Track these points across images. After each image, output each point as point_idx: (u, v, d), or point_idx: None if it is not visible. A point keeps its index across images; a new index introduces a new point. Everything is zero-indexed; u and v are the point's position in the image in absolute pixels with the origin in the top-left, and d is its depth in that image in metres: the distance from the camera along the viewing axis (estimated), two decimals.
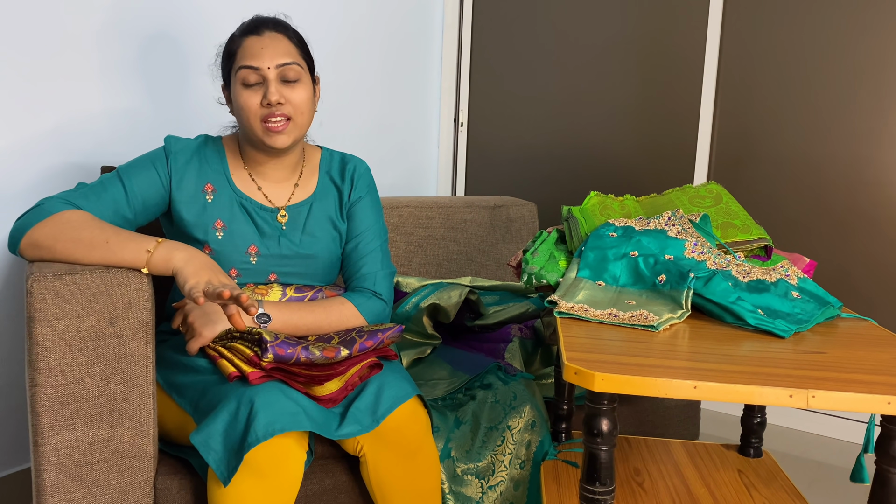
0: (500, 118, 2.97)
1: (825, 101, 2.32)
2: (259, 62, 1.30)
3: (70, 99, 1.77)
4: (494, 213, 2.25)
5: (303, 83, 1.34)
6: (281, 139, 1.32)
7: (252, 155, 1.40)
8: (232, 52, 1.35)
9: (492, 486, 1.39)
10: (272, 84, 1.30)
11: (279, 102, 1.30)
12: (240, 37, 1.34)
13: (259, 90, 1.31)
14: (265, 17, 1.37)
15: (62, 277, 1.10)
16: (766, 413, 1.46)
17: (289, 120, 1.32)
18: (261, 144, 1.34)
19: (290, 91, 1.32)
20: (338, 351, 1.20)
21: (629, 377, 0.90)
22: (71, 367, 1.12)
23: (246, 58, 1.31)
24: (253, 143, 1.36)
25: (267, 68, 1.30)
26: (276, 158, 1.39)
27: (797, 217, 2.40)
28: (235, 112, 1.36)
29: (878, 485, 1.01)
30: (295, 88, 1.33)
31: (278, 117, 1.30)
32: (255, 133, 1.32)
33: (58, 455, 1.13)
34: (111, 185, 1.31)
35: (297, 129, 1.34)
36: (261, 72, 1.30)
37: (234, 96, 1.33)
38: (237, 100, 1.33)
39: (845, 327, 1.16)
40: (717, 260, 1.24)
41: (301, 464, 1.17)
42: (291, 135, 1.33)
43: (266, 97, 1.29)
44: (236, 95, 1.33)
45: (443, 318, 1.71)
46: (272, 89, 1.30)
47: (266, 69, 1.30)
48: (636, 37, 2.63)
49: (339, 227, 1.45)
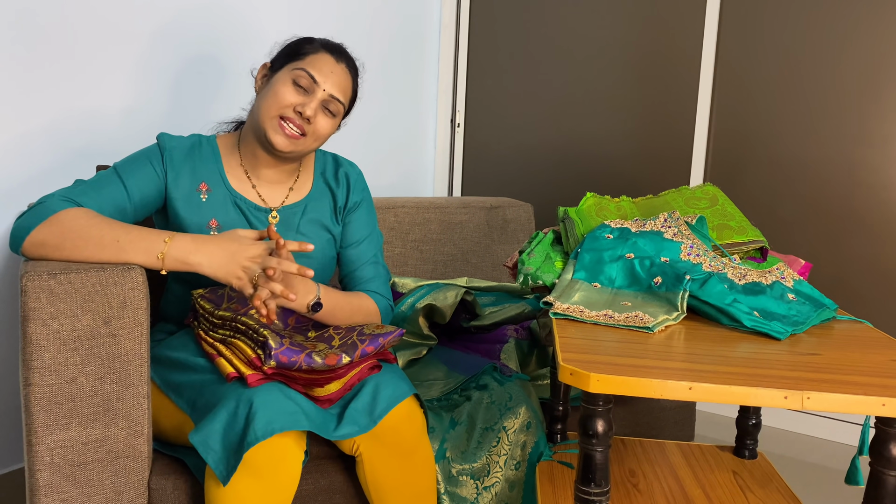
0: (497, 119, 2.97)
1: (821, 104, 2.33)
2: (321, 79, 1.34)
3: (65, 96, 1.76)
4: (491, 214, 2.25)
5: (334, 121, 1.39)
6: (284, 142, 1.33)
7: (251, 148, 1.40)
8: (302, 52, 1.37)
9: (487, 487, 1.39)
10: (316, 101, 1.34)
11: (308, 118, 1.33)
12: (319, 47, 1.38)
13: (301, 95, 1.34)
14: (346, 49, 1.42)
15: (57, 276, 1.10)
16: (761, 415, 1.46)
17: (302, 135, 1.34)
18: (263, 137, 1.35)
19: (322, 118, 1.36)
20: (339, 358, 1.19)
21: (624, 378, 0.90)
22: (65, 367, 1.11)
23: (313, 67, 1.34)
24: (257, 132, 1.37)
25: (323, 90, 1.35)
26: (275, 160, 1.40)
27: (793, 219, 2.40)
28: (263, 93, 1.37)
29: (872, 487, 1.01)
30: (327, 119, 1.37)
31: (296, 126, 1.33)
32: (266, 122, 1.34)
33: (52, 455, 1.13)
34: (110, 182, 1.30)
35: (303, 147, 1.36)
36: (316, 86, 1.34)
37: (275, 82, 1.35)
38: (276, 86, 1.34)
39: (840, 329, 1.17)
40: (712, 262, 1.24)
41: (299, 463, 1.17)
42: (295, 147, 1.35)
43: (303, 106, 1.33)
44: (278, 83, 1.34)
45: (439, 318, 1.71)
46: (312, 105, 1.34)
47: (322, 89, 1.34)
48: (633, 38, 2.63)
49: (332, 231, 1.46)
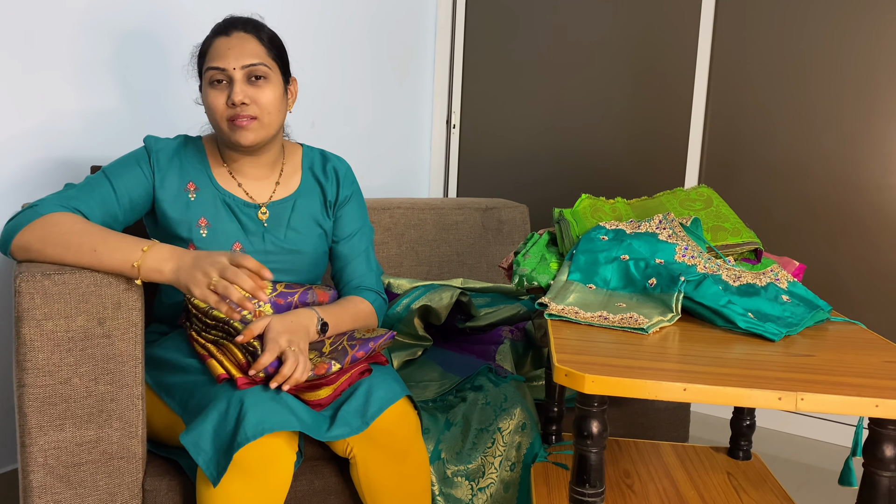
0: (493, 121, 2.97)
1: (816, 105, 2.34)
2: (225, 63, 1.30)
3: (53, 98, 1.76)
4: (486, 215, 2.26)
5: (271, 83, 1.34)
6: (245, 135, 1.32)
7: (228, 153, 1.40)
8: (203, 52, 1.36)
9: (482, 488, 1.39)
10: (237, 84, 1.30)
11: (243, 103, 1.30)
12: (210, 37, 1.35)
13: (225, 90, 1.31)
14: (237, 18, 1.37)
15: (51, 277, 1.10)
16: (755, 416, 1.46)
17: (254, 119, 1.32)
18: (229, 143, 1.35)
19: (256, 91, 1.32)
20: (329, 366, 1.19)
21: (619, 379, 0.90)
22: (59, 368, 1.11)
23: (213, 58, 1.31)
24: (224, 142, 1.37)
25: (233, 69, 1.30)
26: (252, 157, 1.40)
27: (787, 221, 2.41)
28: (206, 112, 1.36)
29: (865, 488, 1.01)
30: (262, 88, 1.32)
31: (243, 117, 1.31)
32: (223, 132, 1.33)
33: (45, 456, 1.12)
34: (99, 186, 1.30)
35: (264, 128, 1.34)
36: (227, 72, 1.30)
37: (203, 96, 1.34)
38: (205, 100, 1.34)
39: (835, 331, 1.17)
40: (707, 264, 1.25)
41: (290, 465, 1.17)
42: (257, 133, 1.33)
43: (230, 97, 1.30)
44: (205, 95, 1.34)
45: (434, 319, 1.71)
46: (236, 89, 1.30)
47: (232, 70, 1.30)
48: (628, 40, 2.64)
49: (323, 225, 1.46)
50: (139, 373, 1.18)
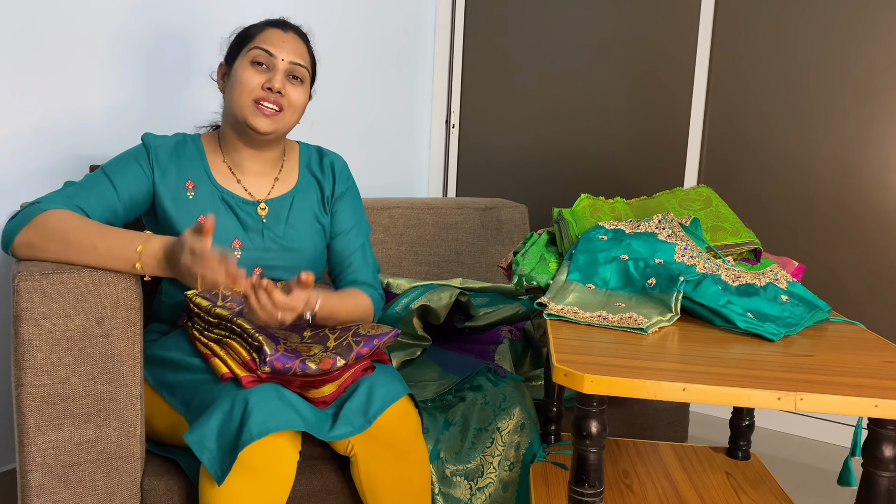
0: (492, 120, 2.97)
1: (815, 106, 2.34)
2: (277, 50, 1.35)
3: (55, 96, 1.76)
4: (485, 215, 2.26)
5: (304, 87, 1.39)
6: (265, 123, 1.33)
7: (232, 144, 1.40)
8: (250, 35, 1.38)
9: (481, 488, 1.39)
10: (280, 73, 1.35)
11: (279, 92, 1.34)
12: (263, 25, 1.39)
13: (264, 73, 1.34)
14: (291, 22, 1.43)
15: (49, 276, 1.09)
16: (754, 416, 1.46)
17: (280, 111, 1.34)
18: (244, 125, 1.35)
19: (291, 88, 1.36)
20: (334, 361, 1.19)
21: (618, 379, 0.90)
22: (57, 367, 1.11)
23: (265, 42, 1.35)
24: (236, 125, 1.37)
25: (281, 59, 1.35)
26: (255, 150, 1.40)
27: (786, 221, 2.41)
28: (229, 88, 1.37)
29: (864, 488, 1.01)
30: (297, 88, 1.37)
31: (272, 104, 1.33)
32: (242, 111, 1.33)
33: (44, 455, 1.12)
34: (99, 183, 1.31)
35: (284, 123, 1.36)
36: (275, 59, 1.34)
37: (236, 71, 1.35)
38: (238, 73, 1.34)
39: (834, 331, 1.17)
40: (706, 264, 1.25)
41: (294, 464, 1.17)
42: (276, 124, 1.35)
43: (270, 82, 1.33)
44: (239, 70, 1.34)
45: (433, 319, 1.71)
46: (278, 77, 1.34)
47: (280, 60, 1.35)
48: (627, 40, 2.64)
49: (321, 221, 1.47)
50: (138, 372, 1.18)
